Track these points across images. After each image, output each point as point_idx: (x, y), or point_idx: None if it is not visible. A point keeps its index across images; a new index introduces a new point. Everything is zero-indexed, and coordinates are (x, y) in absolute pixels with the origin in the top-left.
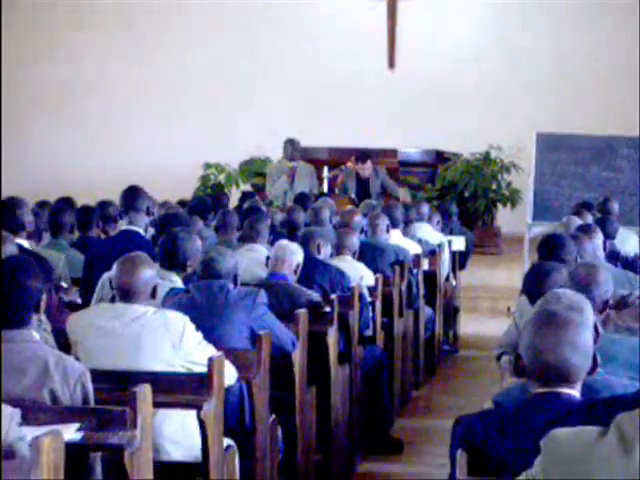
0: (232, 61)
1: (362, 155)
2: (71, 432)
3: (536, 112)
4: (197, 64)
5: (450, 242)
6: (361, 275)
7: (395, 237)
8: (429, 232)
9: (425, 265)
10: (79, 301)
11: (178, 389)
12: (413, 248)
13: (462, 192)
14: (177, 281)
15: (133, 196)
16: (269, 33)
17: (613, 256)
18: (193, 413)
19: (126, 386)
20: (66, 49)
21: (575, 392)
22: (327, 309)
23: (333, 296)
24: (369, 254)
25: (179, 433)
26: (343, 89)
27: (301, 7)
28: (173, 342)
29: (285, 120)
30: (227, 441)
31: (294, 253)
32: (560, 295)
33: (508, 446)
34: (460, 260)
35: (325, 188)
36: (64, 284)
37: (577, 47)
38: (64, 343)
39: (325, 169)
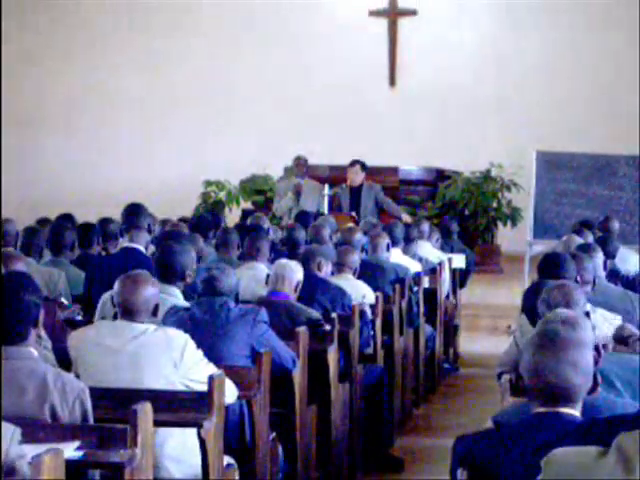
0: (232, 79)
1: (352, 161)
2: (71, 450)
3: (536, 130)
4: (198, 81)
5: (450, 260)
6: (363, 293)
7: (395, 255)
8: (429, 250)
9: (425, 283)
10: (78, 318)
11: (178, 407)
12: (413, 266)
13: (462, 210)
14: (177, 294)
15: (134, 213)
16: (269, 50)
17: (614, 275)
18: (193, 431)
19: (127, 404)
20: (70, 65)
21: (575, 412)
22: (327, 327)
23: (333, 314)
24: (369, 272)
25: (179, 451)
26: (344, 107)
27: (301, 24)
28: (174, 360)
29: (286, 137)
30: (227, 459)
31: (294, 271)
32: (561, 314)
33: (508, 465)
34: (460, 278)
35: (325, 206)
36: (64, 301)
37: (578, 65)
38: (65, 360)
39: (326, 187)
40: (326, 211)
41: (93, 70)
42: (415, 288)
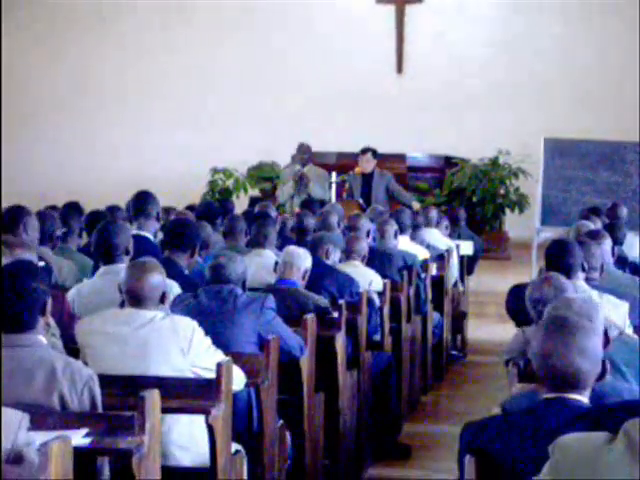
0: (239, 66)
1: (363, 148)
2: (79, 437)
3: (544, 117)
4: (204, 69)
5: (458, 247)
6: (370, 280)
7: (403, 242)
8: (437, 237)
9: (433, 270)
10: None
11: (186, 394)
12: (421, 253)
13: (470, 197)
14: None
15: (143, 201)
16: (277, 37)
17: (621, 261)
18: (201, 418)
19: (134, 391)
20: (75, 53)
21: (584, 398)
22: (335, 314)
23: (341, 301)
24: (377, 260)
25: (187, 438)
26: (351, 94)
27: (309, 11)
28: (182, 347)
29: (293, 125)
30: (235, 446)
31: (303, 259)
32: (570, 301)
33: (516, 452)
34: (468, 265)
35: (333, 193)
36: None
37: (585, 52)
38: (73, 348)
39: (333, 174)
40: (333, 198)
41: (95, 60)
42: (423, 275)
